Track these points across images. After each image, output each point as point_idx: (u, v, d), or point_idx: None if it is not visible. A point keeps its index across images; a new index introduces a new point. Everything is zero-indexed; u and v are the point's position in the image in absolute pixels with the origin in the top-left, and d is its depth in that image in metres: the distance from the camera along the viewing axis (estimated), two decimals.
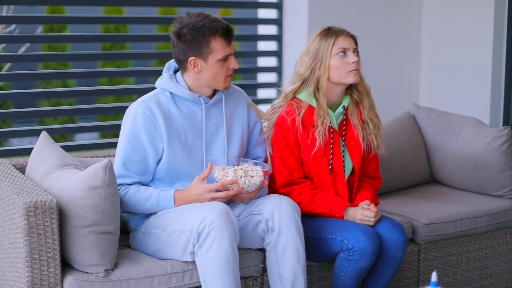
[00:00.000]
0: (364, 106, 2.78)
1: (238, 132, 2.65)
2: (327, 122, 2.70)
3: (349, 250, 2.56)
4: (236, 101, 2.68)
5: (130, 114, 2.53)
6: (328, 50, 2.67)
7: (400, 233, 2.64)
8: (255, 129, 2.72)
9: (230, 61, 2.52)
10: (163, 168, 2.53)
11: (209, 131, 2.59)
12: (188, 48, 2.47)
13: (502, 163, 3.32)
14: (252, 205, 2.54)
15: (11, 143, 7.45)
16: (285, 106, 2.72)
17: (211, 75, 2.51)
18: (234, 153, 2.62)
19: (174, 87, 2.54)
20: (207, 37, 2.45)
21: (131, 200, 2.51)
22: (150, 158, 2.52)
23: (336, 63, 2.68)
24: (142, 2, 3.76)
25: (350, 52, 2.68)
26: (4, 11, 6.36)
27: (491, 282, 3.27)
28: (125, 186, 2.53)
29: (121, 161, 2.52)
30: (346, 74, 2.68)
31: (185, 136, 2.54)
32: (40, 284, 2.27)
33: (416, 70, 4.27)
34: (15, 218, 2.31)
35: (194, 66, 2.49)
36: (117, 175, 2.49)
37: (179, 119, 2.53)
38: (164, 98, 2.54)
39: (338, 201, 2.70)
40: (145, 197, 2.51)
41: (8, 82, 6.09)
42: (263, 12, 4.13)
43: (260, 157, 2.73)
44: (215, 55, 2.48)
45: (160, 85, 2.58)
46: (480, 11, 3.91)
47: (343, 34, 2.69)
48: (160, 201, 2.50)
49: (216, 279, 2.33)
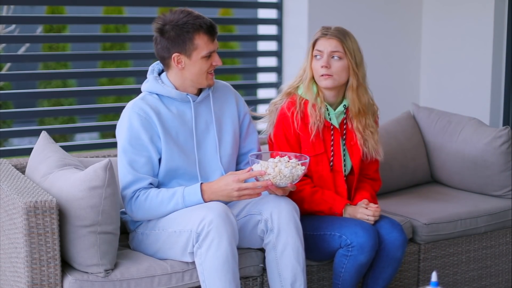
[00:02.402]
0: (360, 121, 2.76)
1: (229, 126, 2.64)
2: (323, 112, 2.70)
3: (347, 246, 2.56)
4: (224, 96, 2.66)
5: (125, 119, 2.51)
6: (309, 51, 2.73)
7: (399, 233, 2.64)
8: (245, 120, 2.70)
9: (214, 58, 2.51)
10: (162, 168, 2.53)
11: (200, 128, 2.58)
12: (171, 45, 2.46)
13: (502, 163, 3.32)
14: (251, 205, 2.53)
15: (11, 143, 7.45)
16: (286, 102, 2.74)
17: (195, 72, 2.50)
18: (227, 149, 2.61)
19: (160, 88, 2.52)
20: (191, 34, 2.44)
21: (154, 202, 2.46)
22: (154, 158, 2.49)
23: (313, 65, 2.72)
24: (142, 2, 3.76)
25: (324, 56, 2.68)
26: (4, 11, 6.36)
27: (491, 282, 3.28)
28: (144, 190, 2.48)
29: (129, 167, 2.47)
30: (319, 78, 2.70)
31: (177, 135, 2.53)
32: (40, 284, 2.27)
33: (416, 70, 4.27)
34: (15, 218, 2.31)
35: (177, 63, 2.48)
36: (130, 182, 2.46)
37: (169, 119, 2.52)
38: (152, 100, 2.53)
39: (337, 199, 2.71)
40: (169, 196, 2.46)
41: (8, 82, 6.09)
42: (263, 12, 4.13)
43: (252, 148, 2.71)
44: (199, 51, 2.46)
45: (146, 88, 2.56)
46: (480, 11, 3.91)
47: (325, 36, 2.69)
48: (186, 196, 2.44)
49: (216, 279, 2.33)
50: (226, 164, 2.61)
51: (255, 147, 2.72)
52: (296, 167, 2.40)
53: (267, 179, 2.39)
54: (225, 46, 5.07)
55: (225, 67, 5.31)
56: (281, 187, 2.44)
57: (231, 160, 2.63)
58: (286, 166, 2.38)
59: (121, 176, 2.49)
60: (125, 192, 2.48)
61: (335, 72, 2.68)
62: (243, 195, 2.41)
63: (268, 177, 2.38)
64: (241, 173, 2.42)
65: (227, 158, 2.61)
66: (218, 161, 2.58)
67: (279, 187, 2.43)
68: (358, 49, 2.72)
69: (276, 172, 2.38)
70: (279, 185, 2.41)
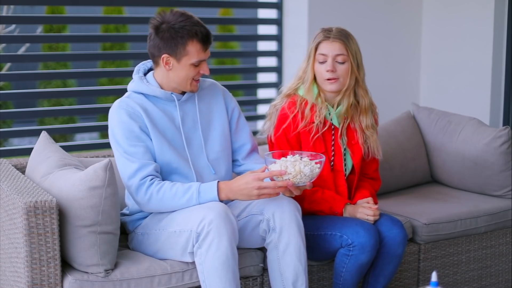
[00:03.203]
0: (361, 121, 2.76)
1: (218, 124, 2.63)
2: (324, 112, 2.70)
3: (348, 246, 2.57)
4: (211, 93, 2.66)
5: (113, 116, 2.50)
6: (311, 54, 2.71)
7: (399, 229, 2.64)
8: (233, 114, 2.69)
9: (202, 66, 2.50)
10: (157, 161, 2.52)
11: (187, 126, 2.57)
12: (163, 45, 2.46)
13: (502, 163, 3.32)
14: (252, 205, 2.53)
15: (11, 143, 7.45)
16: (287, 102, 2.74)
17: (181, 76, 2.49)
18: (215, 146, 2.60)
19: (145, 88, 2.53)
20: (184, 39, 2.43)
21: (167, 194, 2.42)
22: (150, 147, 2.48)
23: (317, 68, 2.70)
24: (142, 2, 3.76)
25: (329, 59, 2.67)
26: (4, 11, 6.36)
27: (491, 282, 3.28)
28: (158, 179, 2.45)
29: (130, 157, 2.45)
30: (323, 81, 2.70)
31: (164, 131, 2.52)
32: (40, 284, 2.27)
33: (416, 70, 4.27)
34: (15, 218, 2.31)
35: (166, 63, 2.48)
36: (135, 170, 2.42)
37: (157, 116, 2.52)
38: (138, 98, 2.53)
39: (338, 199, 2.71)
40: (184, 190, 2.43)
41: (8, 82, 6.09)
42: (263, 12, 4.13)
43: (245, 143, 2.70)
44: (189, 58, 2.46)
45: (132, 88, 2.56)
46: (480, 11, 3.91)
47: (328, 39, 2.68)
48: (202, 192, 2.42)
49: (216, 279, 2.33)
50: (214, 161, 2.60)
51: (248, 141, 2.70)
52: (314, 165, 2.38)
53: (286, 179, 2.36)
54: (225, 46, 5.07)
55: (225, 67, 5.33)
56: (299, 186, 2.41)
57: (220, 156, 2.62)
58: (306, 165, 2.37)
59: (123, 169, 2.46)
60: (131, 181, 2.44)
61: (341, 75, 2.68)
62: (263, 194, 2.39)
63: (288, 177, 2.36)
64: (261, 171, 2.41)
65: (215, 155, 2.60)
66: (205, 158, 2.58)
67: (297, 186, 2.41)
68: (359, 50, 2.72)
69: (296, 171, 2.35)
70: (298, 184, 2.38)
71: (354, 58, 2.69)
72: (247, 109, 4.71)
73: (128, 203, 2.64)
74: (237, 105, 2.72)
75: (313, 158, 2.42)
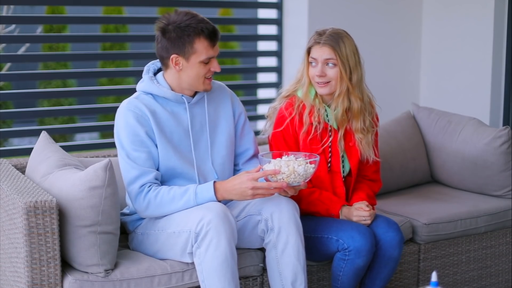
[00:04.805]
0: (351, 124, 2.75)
1: (224, 127, 2.63)
2: (322, 114, 2.70)
3: (344, 250, 2.57)
4: (219, 96, 2.65)
5: (120, 118, 2.50)
6: (305, 57, 2.72)
7: (395, 232, 2.64)
8: (240, 119, 2.69)
9: (212, 63, 2.49)
10: (160, 168, 2.52)
11: (195, 129, 2.57)
12: (171, 46, 2.45)
13: (502, 163, 3.32)
14: (250, 205, 2.53)
15: (11, 143, 7.44)
16: (285, 103, 2.74)
17: (192, 75, 2.48)
18: (220, 151, 2.60)
19: (155, 88, 2.51)
20: (191, 37, 2.43)
21: (165, 199, 2.43)
22: (154, 153, 2.48)
23: (310, 71, 2.71)
24: (142, 2, 3.76)
25: (319, 64, 2.67)
26: (4, 11, 6.36)
27: (491, 282, 3.28)
28: (155, 185, 2.46)
29: (132, 163, 2.45)
30: (315, 84, 2.70)
31: (172, 135, 2.52)
32: (40, 284, 2.27)
33: (416, 70, 4.27)
34: (15, 218, 2.31)
35: (175, 64, 2.47)
36: (135, 177, 2.44)
37: (164, 119, 2.51)
38: (147, 100, 2.52)
39: (334, 200, 2.71)
40: (181, 193, 2.43)
41: (8, 82, 6.09)
42: (263, 12, 4.13)
43: (248, 148, 2.70)
44: (198, 56, 2.45)
45: (141, 88, 2.55)
46: (480, 12, 3.91)
47: (318, 44, 2.67)
48: (199, 193, 2.42)
49: (215, 279, 2.33)
50: (219, 166, 2.60)
51: (251, 147, 2.71)
52: (308, 165, 2.39)
53: (280, 178, 2.37)
54: (225, 46, 5.07)
55: (225, 67, 5.30)
56: (293, 186, 2.41)
57: (226, 161, 2.62)
58: (299, 164, 2.37)
59: (125, 173, 2.47)
60: (131, 187, 2.46)
61: (332, 78, 2.67)
62: (257, 194, 2.39)
63: (282, 176, 2.36)
64: (255, 171, 2.41)
65: (221, 159, 2.60)
66: (210, 162, 2.58)
67: (292, 186, 2.41)
68: (352, 52, 2.67)
69: (290, 171, 2.36)
70: (292, 184, 2.38)
71: (345, 63, 2.65)
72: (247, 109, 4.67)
73: (129, 203, 2.64)
74: (244, 110, 2.72)
75: (307, 158, 2.42)
